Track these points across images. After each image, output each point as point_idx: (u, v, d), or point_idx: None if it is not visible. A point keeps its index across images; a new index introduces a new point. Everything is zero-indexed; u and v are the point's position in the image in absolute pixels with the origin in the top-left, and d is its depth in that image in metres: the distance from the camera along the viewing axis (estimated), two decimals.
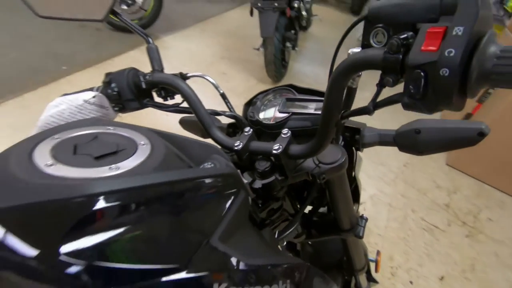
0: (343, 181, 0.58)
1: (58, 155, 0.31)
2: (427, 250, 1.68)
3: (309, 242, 0.91)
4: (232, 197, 0.37)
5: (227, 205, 0.36)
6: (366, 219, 0.69)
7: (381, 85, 0.34)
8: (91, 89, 0.59)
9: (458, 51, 0.27)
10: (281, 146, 0.47)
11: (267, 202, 0.55)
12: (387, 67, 0.32)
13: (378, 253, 0.99)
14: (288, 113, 0.55)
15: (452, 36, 0.27)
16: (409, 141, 0.47)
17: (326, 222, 0.71)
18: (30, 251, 0.24)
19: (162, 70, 0.61)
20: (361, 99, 0.46)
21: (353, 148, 0.60)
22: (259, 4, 2.23)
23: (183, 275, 0.29)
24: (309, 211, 0.72)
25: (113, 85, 0.59)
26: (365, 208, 1.84)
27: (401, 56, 0.30)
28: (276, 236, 0.59)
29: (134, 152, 0.33)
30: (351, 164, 0.62)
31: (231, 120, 0.61)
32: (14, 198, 0.25)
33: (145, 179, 0.28)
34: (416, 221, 1.81)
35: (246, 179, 0.50)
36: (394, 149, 0.50)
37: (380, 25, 0.34)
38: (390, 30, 0.34)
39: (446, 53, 0.27)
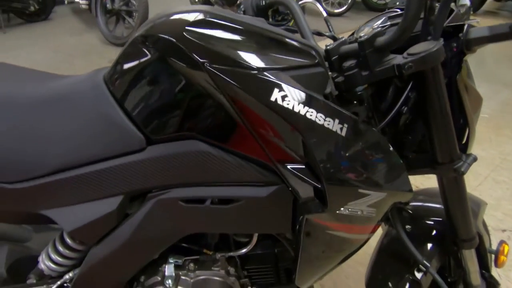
0: (439, 85, 0.50)
1: None
2: None
3: (406, 207, 0.78)
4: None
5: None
6: (475, 158, 0.56)
7: None
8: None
9: None
10: (366, 35, 0.47)
11: (351, 103, 0.52)
12: None
13: (501, 243, 0.79)
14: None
15: None
16: None
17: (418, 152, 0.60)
18: None
19: None
20: None
21: (458, 50, 0.51)
22: None
23: None
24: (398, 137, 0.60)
25: (241, 6, 0.75)
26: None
27: None
28: None
29: None
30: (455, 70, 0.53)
31: None
32: None
33: None
34: None
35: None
36: None
37: None
38: None
39: None
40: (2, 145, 0.54)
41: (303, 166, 0.46)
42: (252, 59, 0.44)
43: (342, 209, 0.47)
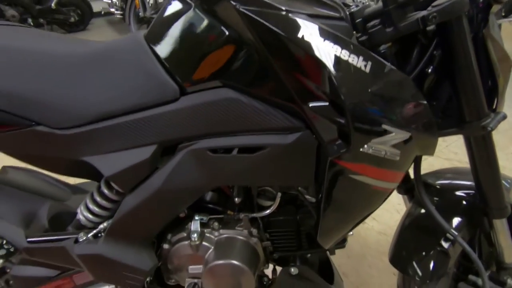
0: (464, 37, 0.49)
1: None
2: None
3: (433, 183, 0.78)
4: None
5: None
6: (504, 116, 0.55)
7: None
8: None
9: None
10: None
11: None
12: None
13: None
14: None
15: None
16: None
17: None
18: None
19: None
20: None
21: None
22: None
23: None
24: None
25: None
26: None
27: None
28: None
29: None
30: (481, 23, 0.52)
31: None
32: None
33: None
34: None
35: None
36: None
37: None
38: None
39: None
40: (53, 95, 0.60)
41: (327, 104, 0.48)
42: (281, 3, 0.47)
43: (366, 146, 0.48)
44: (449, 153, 1.93)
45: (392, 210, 1.48)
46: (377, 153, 0.49)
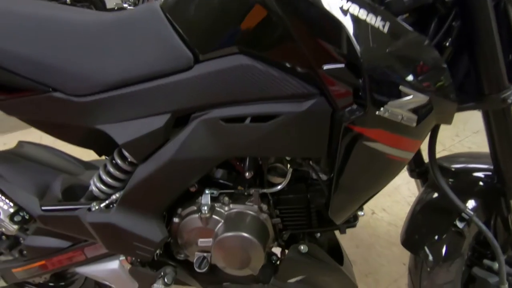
0: (485, 5, 0.48)
1: None
2: None
3: (448, 166, 0.76)
4: None
5: None
6: None
7: None
8: None
9: None
10: None
11: None
12: None
13: None
14: None
15: None
16: None
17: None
18: None
19: None
20: None
21: None
22: None
23: None
24: None
25: None
26: None
27: None
28: None
29: None
30: None
31: None
32: None
33: None
34: None
35: None
36: None
37: None
38: None
39: None
40: (71, 62, 0.61)
41: (343, 65, 0.47)
42: None
43: (382, 110, 0.48)
44: (463, 148, 1.90)
45: (403, 202, 1.46)
46: (394, 118, 0.48)
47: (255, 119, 0.57)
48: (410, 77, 0.47)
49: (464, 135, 2.00)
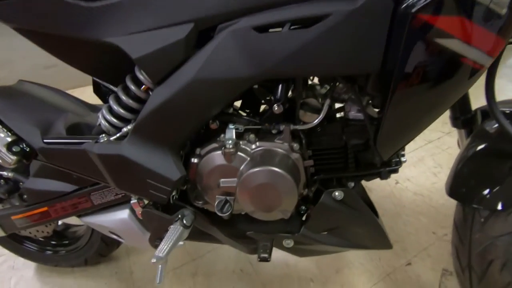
0: None
1: None
2: None
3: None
4: None
5: None
6: None
7: None
8: None
9: None
10: None
11: None
12: None
13: None
14: None
15: None
16: None
17: None
18: None
19: None
20: None
21: None
22: None
23: None
24: None
25: None
26: None
27: None
28: None
29: None
30: None
31: None
32: None
33: None
34: None
35: None
36: None
37: None
38: None
39: None
40: None
41: None
42: None
43: None
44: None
45: (428, 173, 1.37)
46: None
47: (295, 25, 0.48)
48: None
49: None
